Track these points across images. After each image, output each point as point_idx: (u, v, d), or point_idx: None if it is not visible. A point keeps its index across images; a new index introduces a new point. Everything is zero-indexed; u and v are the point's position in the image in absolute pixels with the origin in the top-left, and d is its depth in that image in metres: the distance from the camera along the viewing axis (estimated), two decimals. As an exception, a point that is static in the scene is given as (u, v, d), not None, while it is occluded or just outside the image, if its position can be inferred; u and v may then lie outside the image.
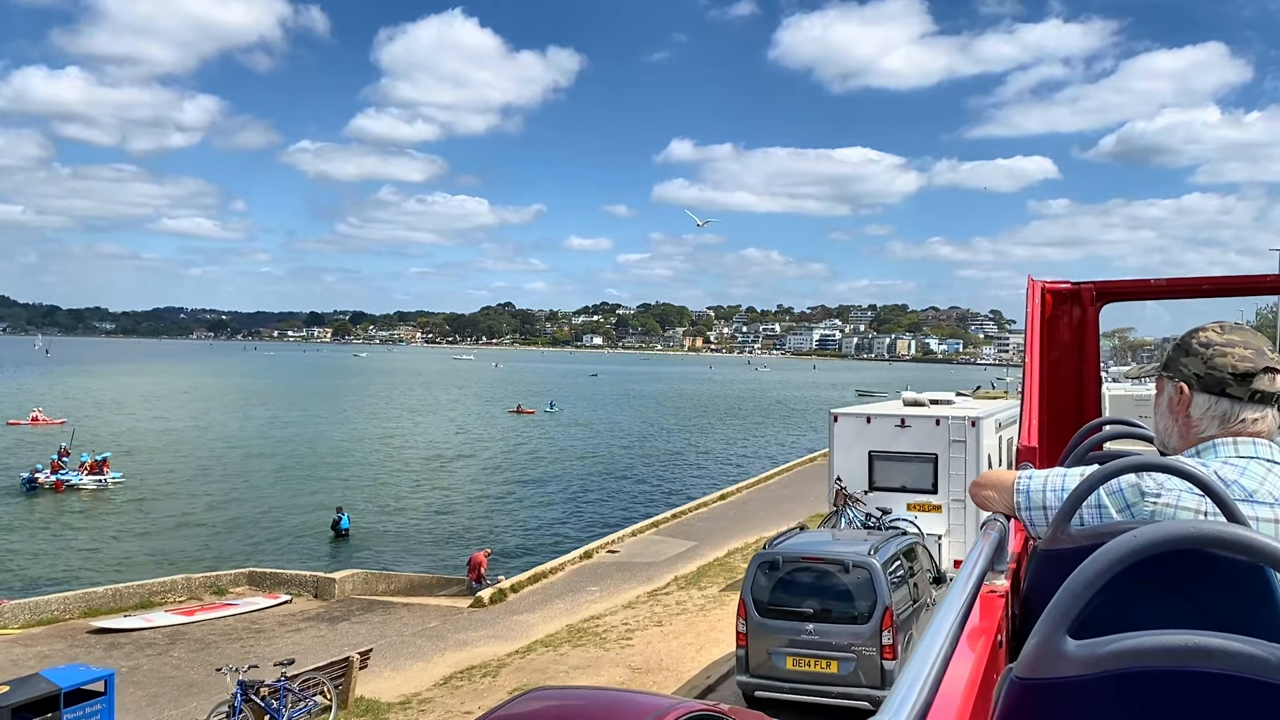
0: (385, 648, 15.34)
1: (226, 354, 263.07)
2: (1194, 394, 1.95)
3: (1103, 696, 1.29)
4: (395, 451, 49.51)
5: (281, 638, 16.17)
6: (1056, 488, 2.02)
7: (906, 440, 16.08)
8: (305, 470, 42.10)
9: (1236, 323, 2.04)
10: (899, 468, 16.18)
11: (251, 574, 19.92)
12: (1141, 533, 1.29)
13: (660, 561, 21.65)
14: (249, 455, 46.56)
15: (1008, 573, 2.13)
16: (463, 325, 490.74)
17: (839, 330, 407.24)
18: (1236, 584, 1.50)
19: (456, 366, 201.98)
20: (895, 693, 1.28)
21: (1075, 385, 4.32)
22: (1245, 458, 1.85)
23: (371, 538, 28.80)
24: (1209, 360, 1.93)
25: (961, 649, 1.56)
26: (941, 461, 15.82)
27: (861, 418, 16.48)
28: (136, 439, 51.55)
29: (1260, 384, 1.89)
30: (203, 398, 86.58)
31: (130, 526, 29.91)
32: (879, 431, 16.26)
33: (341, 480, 39.32)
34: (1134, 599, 1.47)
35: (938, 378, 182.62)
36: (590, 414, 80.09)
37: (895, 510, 16.01)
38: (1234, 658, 1.22)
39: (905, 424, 16.11)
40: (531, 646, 15.00)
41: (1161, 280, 4.38)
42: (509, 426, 66.23)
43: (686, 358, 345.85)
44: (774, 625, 10.84)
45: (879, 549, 10.93)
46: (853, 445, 16.39)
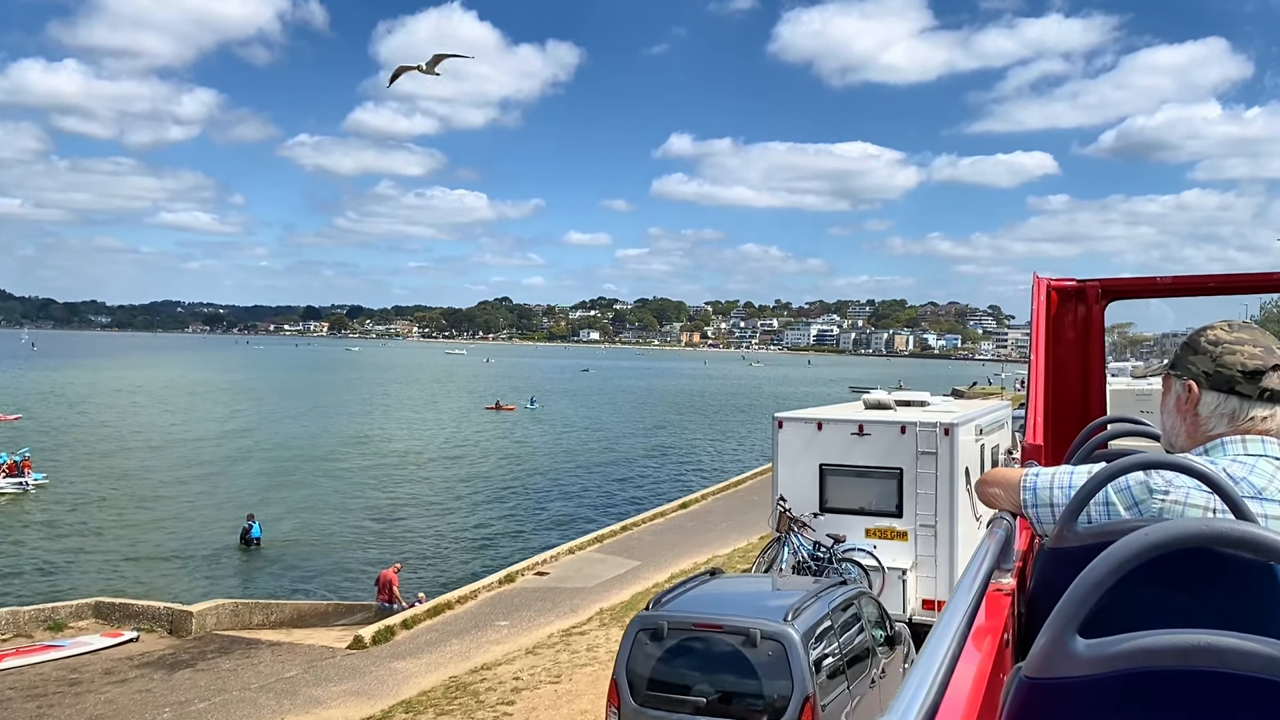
0: (215, 708, 12.35)
1: (216, 348, 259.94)
2: (1203, 392, 1.94)
3: (1113, 696, 1.29)
4: (348, 451, 46.42)
5: (97, 693, 13.16)
6: (1063, 485, 2.03)
7: (865, 451, 13.05)
8: (242, 471, 39.05)
9: (1245, 320, 2.03)
10: (856, 485, 13.16)
11: (99, 605, 16.86)
12: (1152, 531, 1.29)
13: (591, 587, 18.66)
14: (189, 454, 43.48)
15: (1014, 571, 2.15)
16: (459, 320, 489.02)
17: (837, 326, 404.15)
18: (1247, 582, 1.48)
19: (448, 361, 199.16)
20: (903, 693, 1.23)
21: (1081, 383, 4.33)
22: (1254, 455, 1.84)
23: (287, 549, 25.77)
24: (1218, 358, 1.93)
25: (968, 648, 1.54)
26: (908, 478, 12.80)
27: (811, 424, 13.42)
28: (84, 435, 48.59)
29: (1270, 382, 1.89)
30: (172, 393, 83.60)
31: (25, 539, 26.87)
32: (832, 440, 13.23)
33: (277, 482, 36.24)
34: (1143, 598, 1.44)
35: (935, 373, 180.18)
36: (572, 411, 77.15)
37: (851, 537, 13.00)
38: (1245, 657, 1.22)
39: (864, 431, 13.08)
40: (390, 711, 12.00)
41: (1167, 278, 4.36)
42: (482, 424, 63.19)
43: (683, 353, 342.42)
44: (655, 717, 7.85)
45: (799, 612, 7.90)
46: (800, 457, 13.37)
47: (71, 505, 31.32)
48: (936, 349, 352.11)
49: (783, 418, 13.63)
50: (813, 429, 13.35)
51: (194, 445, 46.94)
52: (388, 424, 61.06)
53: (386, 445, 48.95)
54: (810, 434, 13.35)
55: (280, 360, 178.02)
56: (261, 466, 40.42)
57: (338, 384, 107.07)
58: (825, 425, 13.32)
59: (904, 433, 12.86)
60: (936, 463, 12.65)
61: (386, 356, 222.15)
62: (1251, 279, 4.78)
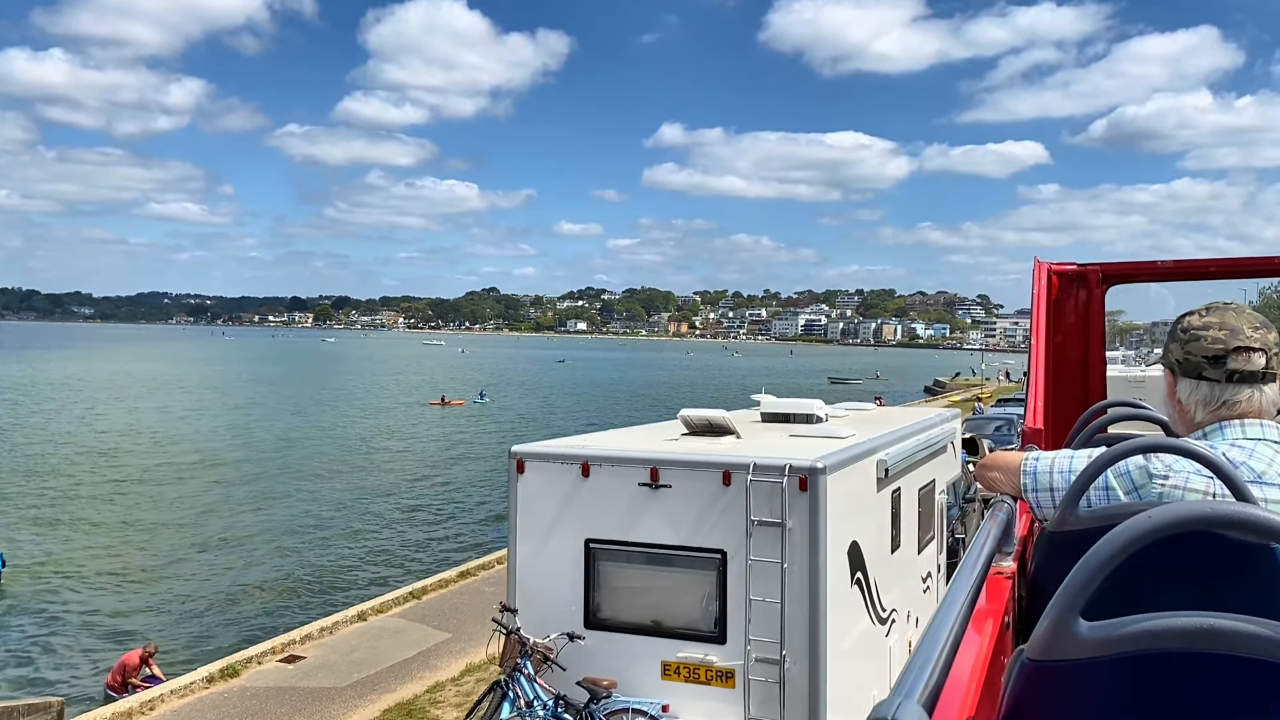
0: None
1: (191, 339, 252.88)
2: (1178, 379, 1.96)
3: (1115, 678, 1.29)
4: (236, 455, 40.31)
5: None
6: (1064, 469, 2.01)
7: (662, 517, 7.12)
8: (86, 479, 32.91)
9: (1226, 303, 1.98)
10: (645, 580, 7.24)
11: None
12: (1155, 514, 1.28)
13: (352, 684, 12.75)
14: (51, 458, 37.32)
15: (1015, 555, 2.14)
16: (446, 311, 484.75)
17: (825, 316, 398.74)
18: (1248, 565, 1.47)
19: (421, 352, 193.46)
20: (906, 675, 1.22)
21: (1081, 367, 4.33)
22: (1253, 439, 1.82)
23: (37, 594, 19.74)
24: (1186, 345, 1.93)
25: (970, 631, 1.54)
26: (733, 567, 6.90)
27: (572, 465, 7.43)
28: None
29: (1234, 364, 1.87)
30: (97, 387, 77.42)
31: None
32: (607, 495, 7.30)
33: (107, 495, 30.07)
34: (1145, 581, 1.44)
35: (922, 363, 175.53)
36: (525, 406, 71.18)
37: (634, 681, 7.08)
38: (1247, 640, 1.22)
39: (659, 480, 7.12)
40: None
41: (1168, 262, 4.40)
42: (413, 422, 57.20)
43: (669, 343, 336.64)
44: None
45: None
46: (554, 526, 7.43)
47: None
48: (924, 338, 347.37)
49: (525, 454, 7.62)
50: (574, 474, 7.37)
51: (70, 446, 40.80)
52: (302, 423, 54.87)
53: (282, 449, 42.83)
54: (570, 482, 7.38)
55: (246, 352, 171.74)
56: (120, 474, 34.27)
57: (287, 377, 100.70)
58: (596, 467, 7.34)
59: (728, 483, 6.92)
60: (784, 540, 6.73)
61: (361, 348, 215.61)
62: (1253, 263, 4.79)
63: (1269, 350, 1.88)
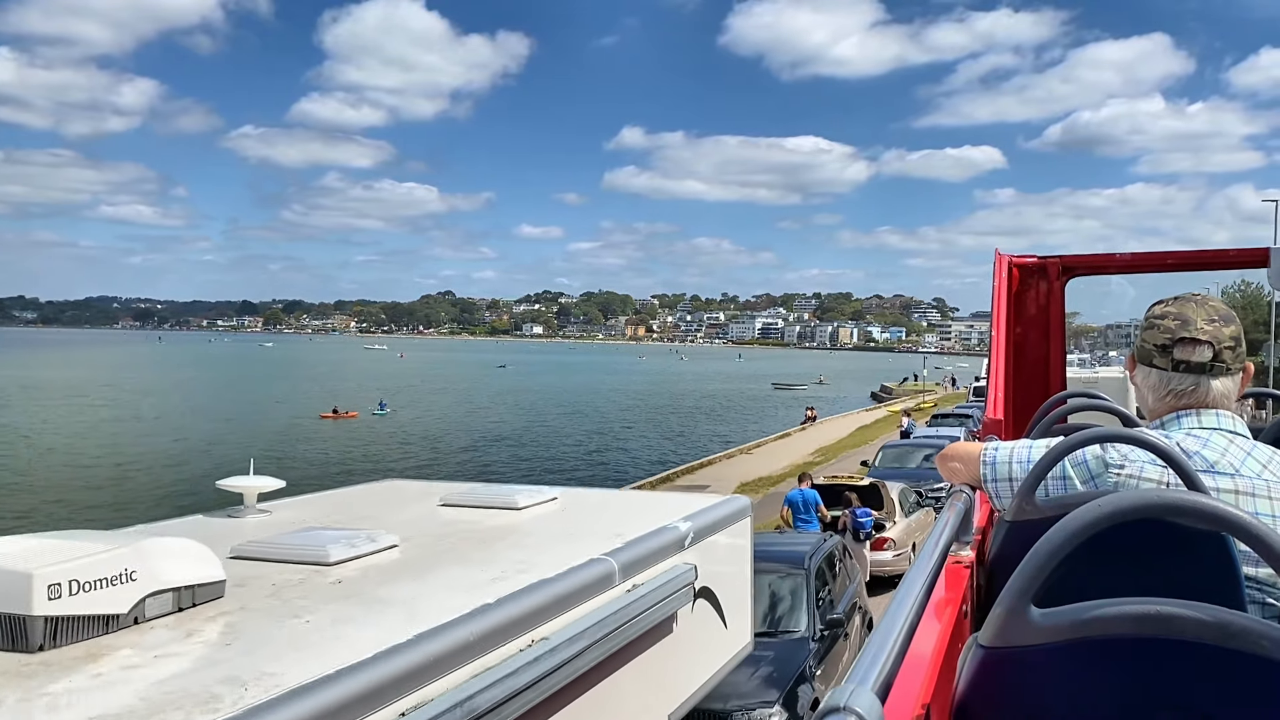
0: None
1: (125, 344, 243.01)
2: (1137, 365, 1.99)
3: (1067, 664, 1.32)
4: (51, 477, 34.00)
5: None
6: (1022, 460, 2.02)
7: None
8: None
9: (1195, 294, 1.98)
10: None
11: None
12: (1105, 502, 1.30)
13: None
14: None
15: (973, 544, 2.15)
16: (400, 314, 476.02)
17: (782, 319, 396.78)
18: (1198, 552, 1.50)
19: (361, 357, 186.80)
20: (860, 661, 1.23)
21: (1042, 358, 4.40)
22: (1209, 429, 1.84)
23: None
24: (1144, 332, 1.97)
25: (927, 618, 1.56)
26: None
27: None
28: None
29: (1179, 354, 1.89)
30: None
31: None
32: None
33: None
34: (1097, 568, 1.45)
35: (875, 366, 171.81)
36: (431, 418, 64.90)
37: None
38: (1195, 625, 1.25)
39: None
40: None
41: (1126, 254, 4.59)
42: (294, 437, 50.89)
43: (625, 346, 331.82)
44: None
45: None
46: None
47: None
48: (880, 341, 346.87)
49: None
50: None
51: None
52: (157, 439, 48.48)
53: (95, 471, 36.52)
54: None
55: (172, 357, 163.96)
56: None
57: (189, 384, 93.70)
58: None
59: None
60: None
61: (299, 353, 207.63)
62: (1210, 255, 4.82)
63: (1218, 343, 1.89)
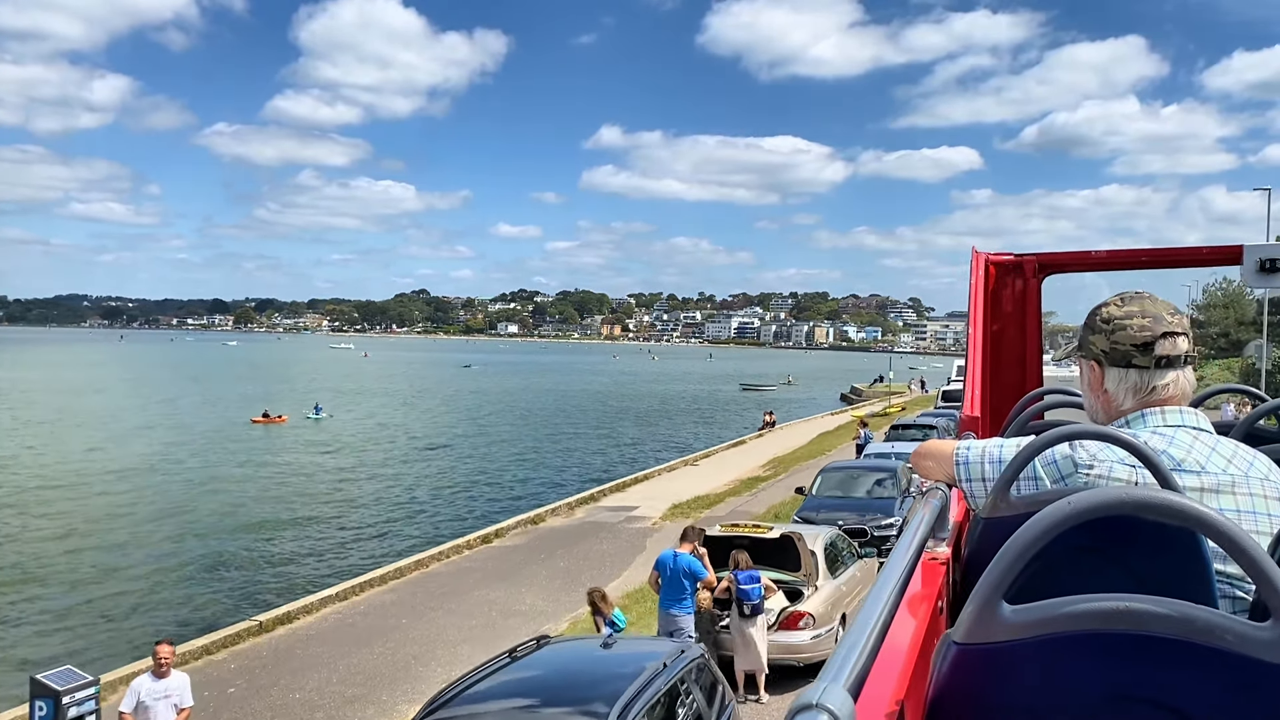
0: None
1: (86, 342, 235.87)
2: (1105, 370, 1.97)
3: (1038, 660, 1.32)
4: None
5: None
6: (994, 459, 2.03)
7: None
8: None
9: (1138, 291, 2.01)
10: None
11: None
12: (1075, 499, 1.31)
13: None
14: None
15: (949, 540, 2.16)
16: (373, 313, 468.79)
17: (759, 318, 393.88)
18: (1167, 549, 1.50)
19: (325, 356, 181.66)
20: (835, 658, 1.23)
21: (1018, 356, 4.39)
22: (1173, 426, 1.85)
23: None
24: (1111, 335, 1.94)
25: (902, 615, 1.56)
26: None
27: None
28: None
29: (1162, 349, 1.90)
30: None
31: None
32: None
33: None
34: (1069, 565, 1.46)
35: (849, 365, 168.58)
36: (371, 422, 60.77)
37: None
38: (1163, 620, 1.25)
39: None
40: None
41: (1102, 252, 4.50)
42: (218, 443, 46.83)
43: (599, 346, 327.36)
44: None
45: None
46: None
47: None
48: (856, 341, 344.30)
49: None
50: None
51: None
52: (60, 444, 44.27)
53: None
54: None
55: (129, 357, 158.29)
56: None
57: (131, 384, 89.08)
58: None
59: None
60: None
61: (262, 352, 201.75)
62: (1185, 252, 4.78)
63: (1188, 335, 1.93)
